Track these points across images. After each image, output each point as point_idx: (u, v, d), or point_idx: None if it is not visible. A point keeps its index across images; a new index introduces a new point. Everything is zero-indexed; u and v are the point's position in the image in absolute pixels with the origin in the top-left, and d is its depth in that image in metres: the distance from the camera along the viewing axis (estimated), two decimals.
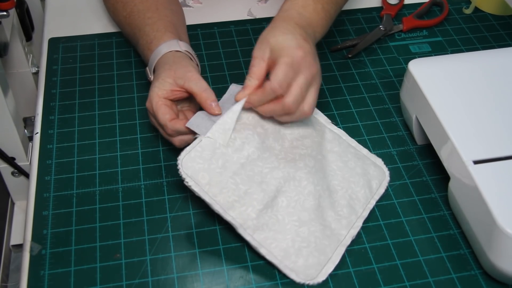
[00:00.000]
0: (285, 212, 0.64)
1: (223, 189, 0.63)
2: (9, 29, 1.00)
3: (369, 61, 0.88)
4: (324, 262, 0.62)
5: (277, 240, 0.62)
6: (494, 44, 0.91)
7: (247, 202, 0.63)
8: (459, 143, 0.64)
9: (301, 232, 0.63)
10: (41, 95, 0.82)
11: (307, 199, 0.65)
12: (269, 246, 0.62)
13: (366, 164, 0.71)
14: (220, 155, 0.64)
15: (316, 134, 0.72)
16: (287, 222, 0.63)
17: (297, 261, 0.62)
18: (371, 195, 0.69)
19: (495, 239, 0.58)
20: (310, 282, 0.61)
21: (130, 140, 0.76)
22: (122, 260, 0.64)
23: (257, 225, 0.62)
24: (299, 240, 0.63)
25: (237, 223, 0.62)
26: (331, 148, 0.71)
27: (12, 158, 1.02)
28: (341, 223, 0.65)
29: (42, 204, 0.69)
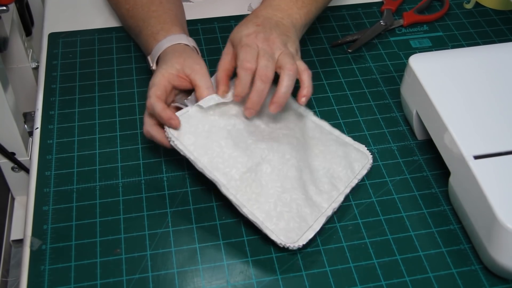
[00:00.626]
0: (269, 178, 0.65)
1: (208, 150, 0.65)
2: (8, 24, 1.00)
3: (370, 56, 0.88)
4: (305, 228, 0.64)
5: (259, 203, 0.64)
6: (494, 39, 0.91)
7: (231, 164, 0.65)
8: (460, 138, 0.64)
9: (283, 197, 0.65)
10: (41, 90, 0.82)
11: (290, 169, 0.67)
12: (251, 207, 0.64)
13: (348, 149, 0.72)
14: (207, 121, 0.67)
15: (299, 121, 0.74)
16: (270, 187, 0.65)
17: (278, 223, 0.63)
18: (353, 175, 0.70)
19: (495, 234, 0.58)
20: (290, 245, 0.62)
21: (130, 135, 0.76)
22: (123, 255, 0.64)
23: (240, 186, 0.64)
24: (281, 205, 0.64)
25: (221, 183, 0.64)
26: (313, 135, 0.73)
27: (12, 153, 1.02)
28: (322, 197, 0.67)
29: (42, 199, 0.69)
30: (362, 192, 0.70)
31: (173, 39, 0.73)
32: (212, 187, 0.70)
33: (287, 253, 0.64)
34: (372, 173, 0.72)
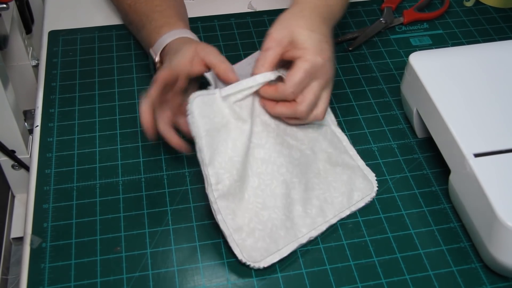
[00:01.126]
0: (252, 192, 0.64)
1: (214, 144, 0.63)
2: (9, 22, 1.00)
3: (370, 54, 0.88)
4: (273, 250, 0.62)
5: (235, 215, 0.63)
6: (495, 37, 0.91)
7: (228, 168, 0.63)
8: (460, 136, 0.64)
9: (261, 215, 0.63)
10: (41, 88, 0.82)
11: (279, 185, 0.65)
12: (226, 216, 0.62)
13: (355, 175, 0.70)
14: (224, 114, 0.64)
15: (314, 130, 0.71)
16: (251, 202, 0.64)
17: (246, 239, 0.62)
18: (348, 205, 0.67)
19: (495, 232, 0.58)
20: (251, 264, 0.61)
21: (130, 133, 0.76)
22: (123, 253, 0.64)
23: (225, 193, 0.62)
24: (256, 221, 0.63)
25: (209, 181, 0.62)
26: (325, 148, 0.71)
27: (12, 151, 1.02)
28: (305, 221, 0.64)
29: (42, 197, 0.69)
30: None
31: (178, 33, 0.73)
32: None
33: None
34: (372, 171, 0.72)
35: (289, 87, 0.64)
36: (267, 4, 0.96)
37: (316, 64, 0.64)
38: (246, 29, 0.91)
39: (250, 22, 0.92)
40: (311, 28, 0.65)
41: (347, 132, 0.76)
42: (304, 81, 0.64)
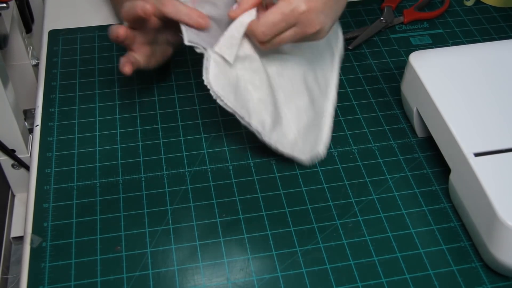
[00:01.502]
0: (286, 107, 0.69)
1: (242, 100, 0.66)
2: (9, 21, 1.00)
3: (370, 53, 0.88)
4: (320, 136, 0.72)
5: (286, 134, 0.69)
6: (495, 36, 0.91)
7: (262, 107, 0.67)
8: (460, 136, 0.64)
9: (301, 120, 0.70)
10: (41, 88, 0.82)
11: (300, 90, 0.71)
12: (282, 142, 0.68)
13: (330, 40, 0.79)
14: (230, 69, 0.66)
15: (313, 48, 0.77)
16: (289, 116, 0.69)
17: (305, 145, 0.70)
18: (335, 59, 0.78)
19: (495, 232, 0.58)
20: (322, 154, 0.71)
21: (131, 132, 0.76)
22: (123, 252, 0.64)
23: (272, 127, 0.67)
24: (302, 126, 0.70)
25: (258, 130, 0.66)
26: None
27: (12, 150, 1.02)
28: (325, 101, 0.74)
29: (42, 196, 0.69)
30: (362, 189, 0.70)
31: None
32: (212, 184, 0.70)
33: (287, 250, 0.64)
34: (372, 171, 0.72)
35: (261, 25, 0.59)
36: None
37: (297, 10, 0.58)
38: None
39: None
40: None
41: (347, 132, 0.76)
42: (279, 24, 0.59)
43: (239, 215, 0.67)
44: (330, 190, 0.70)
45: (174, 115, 0.78)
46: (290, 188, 0.70)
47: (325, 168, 0.72)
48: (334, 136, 0.76)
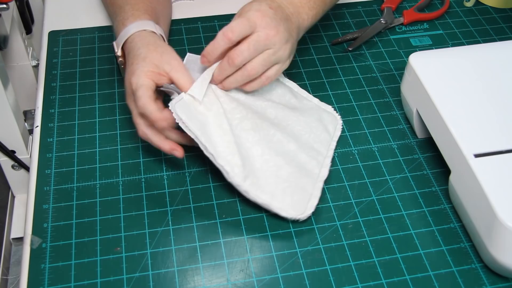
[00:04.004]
0: (262, 160, 0.67)
1: (210, 139, 0.66)
2: (9, 22, 1.00)
3: (370, 54, 0.88)
4: (308, 197, 0.67)
5: (261, 186, 0.66)
6: (495, 37, 0.91)
7: (231, 150, 0.66)
8: (460, 137, 0.64)
9: (280, 175, 0.67)
10: (41, 88, 0.82)
11: (277, 145, 0.69)
12: (255, 192, 0.65)
13: (320, 112, 0.76)
14: (199, 110, 0.67)
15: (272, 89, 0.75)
16: (266, 168, 0.67)
17: (284, 199, 0.66)
18: (330, 138, 0.73)
19: (495, 233, 0.58)
20: (300, 217, 0.65)
21: (131, 133, 0.76)
22: (123, 253, 0.64)
23: (243, 172, 0.65)
24: (281, 181, 0.67)
25: (226, 170, 0.65)
26: (288, 99, 0.76)
27: (12, 151, 1.02)
28: (312, 164, 0.69)
29: (42, 197, 0.69)
30: (362, 190, 0.70)
31: (140, 25, 0.72)
32: (212, 185, 0.70)
33: (287, 251, 0.64)
34: (372, 171, 0.72)
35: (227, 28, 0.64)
36: None
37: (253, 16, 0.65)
38: None
39: None
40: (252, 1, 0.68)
41: (347, 133, 0.76)
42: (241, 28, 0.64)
43: (239, 216, 0.67)
44: (330, 191, 0.70)
45: None
46: None
47: None
48: None
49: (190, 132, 0.65)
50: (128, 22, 0.73)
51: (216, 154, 0.65)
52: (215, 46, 0.66)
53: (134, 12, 0.75)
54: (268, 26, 0.66)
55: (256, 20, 0.65)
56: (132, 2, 0.77)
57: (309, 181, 0.68)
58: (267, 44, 0.66)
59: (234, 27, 0.65)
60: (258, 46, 0.66)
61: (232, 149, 0.66)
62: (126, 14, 0.75)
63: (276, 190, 0.66)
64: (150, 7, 0.77)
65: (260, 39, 0.65)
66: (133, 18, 0.74)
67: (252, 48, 0.66)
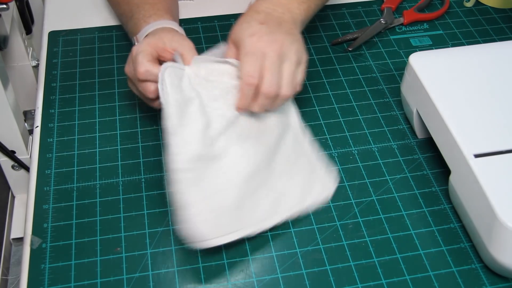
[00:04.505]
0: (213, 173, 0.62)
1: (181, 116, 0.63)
2: (9, 22, 1.00)
3: (370, 54, 0.88)
4: (219, 234, 0.61)
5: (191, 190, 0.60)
6: (495, 37, 0.91)
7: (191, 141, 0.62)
8: (460, 137, 0.64)
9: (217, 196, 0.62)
10: (41, 89, 0.82)
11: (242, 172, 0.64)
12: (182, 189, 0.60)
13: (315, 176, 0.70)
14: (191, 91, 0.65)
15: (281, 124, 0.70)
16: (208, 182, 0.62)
17: (196, 216, 0.60)
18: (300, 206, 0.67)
19: (495, 233, 0.58)
20: (192, 244, 0.60)
21: (131, 133, 0.76)
22: (123, 253, 0.64)
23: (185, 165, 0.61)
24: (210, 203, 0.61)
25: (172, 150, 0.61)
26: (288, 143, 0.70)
27: (12, 151, 1.02)
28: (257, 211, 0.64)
29: (42, 197, 0.69)
30: (362, 190, 0.70)
31: (164, 23, 0.73)
32: None
33: (288, 252, 0.64)
34: (372, 172, 0.72)
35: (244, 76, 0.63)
36: None
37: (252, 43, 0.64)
38: None
39: None
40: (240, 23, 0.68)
41: (347, 133, 0.76)
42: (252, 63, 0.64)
43: None
44: None
45: None
46: None
47: None
48: (334, 137, 0.76)
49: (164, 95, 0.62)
50: (152, 20, 0.74)
51: (173, 131, 0.61)
52: (247, 97, 0.65)
53: (156, 11, 0.75)
54: (271, 44, 0.65)
55: (257, 45, 0.64)
56: (150, 2, 0.77)
57: (234, 223, 0.62)
58: (282, 59, 0.65)
59: (251, 70, 0.64)
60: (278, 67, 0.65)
61: (194, 141, 0.62)
62: (148, 12, 0.75)
63: (197, 203, 0.60)
64: (168, 7, 0.78)
65: (274, 60, 0.64)
66: (156, 17, 0.74)
67: (276, 72, 0.64)
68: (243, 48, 0.65)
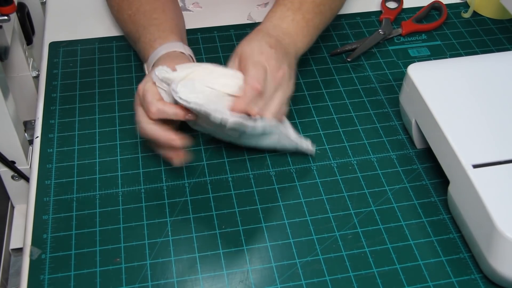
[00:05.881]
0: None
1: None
2: (9, 33, 1.00)
3: (369, 65, 0.88)
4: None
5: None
6: (492, 48, 0.91)
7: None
8: (459, 147, 0.64)
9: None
10: (41, 99, 0.82)
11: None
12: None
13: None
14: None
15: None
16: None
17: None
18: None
19: (494, 243, 0.58)
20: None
21: (130, 144, 0.76)
22: (122, 264, 0.64)
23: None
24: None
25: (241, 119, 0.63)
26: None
27: (12, 162, 1.02)
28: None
29: (42, 208, 0.69)
30: (361, 201, 0.70)
31: (169, 46, 0.74)
32: (212, 195, 0.70)
33: (287, 262, 0.64)
34: (371, 182, 0.72)
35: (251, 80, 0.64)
36: None
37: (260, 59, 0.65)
38: None
39: None
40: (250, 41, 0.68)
41: (346, 143, 0.76)
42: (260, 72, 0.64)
43: (239, 227, 0.67)
44: (329, 202, 0.70)
45: None
46: (289, 200, 0.70)
47: (324, 180, 0.72)
48: (333, 147, 0.76)
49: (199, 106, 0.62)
50: (157, 44, 0.74)
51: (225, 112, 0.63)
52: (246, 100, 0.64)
53: (160, 33, 0.76)
54: (274, 69, 0.66)
55: (265, 63, 0.66)
56: (157, 23, 0.77)
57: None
58: (277, 88, 0.67)
59: (259, 77, 0.64)
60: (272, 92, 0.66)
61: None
62: (153, 35, 0.76)
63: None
64: (174, 25, 0.79)
65: (272, 85, 0.66)
66: (161, 40, 0.74)
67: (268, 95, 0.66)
68: (251, 59, 0.66)
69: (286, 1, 0.75)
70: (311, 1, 0.75)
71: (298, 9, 0.74)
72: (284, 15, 0.74)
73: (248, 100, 0.65)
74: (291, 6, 0.74)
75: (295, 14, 0.74)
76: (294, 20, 0.73)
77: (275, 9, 0.75)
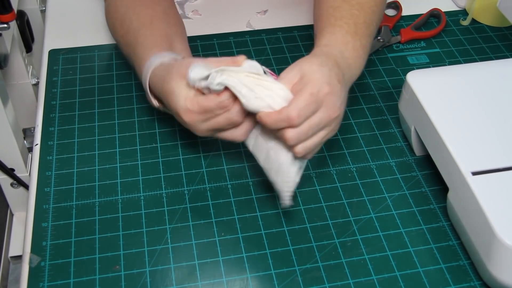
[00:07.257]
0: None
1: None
2: (9, 41, 1.01)
3: (368, 72, 0.88)
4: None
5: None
6: (491, 55, 0.92)
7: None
8: (458, 154, 0.64)
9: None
10: (41, 106, 0.82)
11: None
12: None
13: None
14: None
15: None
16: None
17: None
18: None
19: (494, 251, 0.58)
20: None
21: (130, 151, 0.76)
22: (122, 271, 0.63)
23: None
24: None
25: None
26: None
27: (12, 169, 1.02)
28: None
29: (41, 215, 0.69)
30: (360, 208, 0.70)
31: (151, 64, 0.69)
32: (211, 203, 0.70)
33: (286, 269, 0.64)
34: (370, 189, 0.72)
35: (293, 110, 0.58)
36: (266, 23, 0.97)
37: (323, 91, 0.59)
38: (245, 47, 0.92)
39: (249, 41, 0.93)
40: (321, 64, 0.62)
41: (346, 150, 0.76)
42: (309, 107, 0.59)
43: (238, 234, 0.67)
44: (328, 209, 0.70)
45: (173, 133, 0.78)
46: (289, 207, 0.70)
47: (324, 187, 0.72)
48: (333, 154, 0.76)
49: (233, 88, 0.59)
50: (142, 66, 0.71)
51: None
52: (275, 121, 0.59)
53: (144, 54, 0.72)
54: (333, 107, 0.61)
55: (324, 98, 0.60)
56: (141, 41, 0.74)
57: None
58: (325, 126, 0.62)
59: (302, 109, 0.58)
60: (317, 129, 0.61)
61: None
62: (138, 57, 0.73)
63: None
64: (159, 36, 0.74)
65: (322, 121, 0.61)
66: (144, 61, 0.71)
67: (311, 132, 0.60)
68: (311, 88, 0.60)
69: (340, 22, 0.71)
70: (363, 22, 0.72)
71: (355, 33, 0.70)
72: (345, 40, 0.69)
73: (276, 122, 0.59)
74: (348, 29, 0.70)
75: (354, 39, 0.69)
76: (354, 48, 0.69)
77: (333, 30, 0.70)
